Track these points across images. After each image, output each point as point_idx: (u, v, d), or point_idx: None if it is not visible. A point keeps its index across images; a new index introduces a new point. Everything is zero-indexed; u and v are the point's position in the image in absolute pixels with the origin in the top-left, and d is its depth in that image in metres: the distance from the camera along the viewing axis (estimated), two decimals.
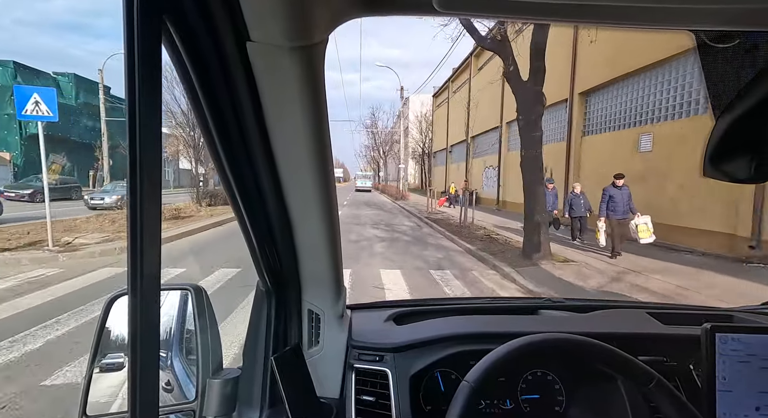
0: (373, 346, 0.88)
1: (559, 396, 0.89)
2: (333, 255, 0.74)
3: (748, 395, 0.71)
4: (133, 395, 0.35)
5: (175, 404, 0.75)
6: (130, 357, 0.35)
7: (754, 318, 1.00)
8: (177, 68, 0.44)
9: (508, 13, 0.35)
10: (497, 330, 0.92)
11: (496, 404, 0.89)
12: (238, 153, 0.55)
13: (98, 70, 23.88)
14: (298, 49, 0.43)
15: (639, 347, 0.83)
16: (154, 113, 0.33)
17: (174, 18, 0.39)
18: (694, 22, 0.37)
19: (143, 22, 0.32)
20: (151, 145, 0.33)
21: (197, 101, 0.48)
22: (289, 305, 0.80)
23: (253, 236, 0.66)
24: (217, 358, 0.77)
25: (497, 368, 0.63)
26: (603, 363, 0.66)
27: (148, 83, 0.32)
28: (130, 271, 0.34)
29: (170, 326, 0.83)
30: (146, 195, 0.33)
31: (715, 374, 0.72)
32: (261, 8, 0.39)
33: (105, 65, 23.68)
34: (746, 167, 0.48)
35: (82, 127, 29.32)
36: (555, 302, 1.19)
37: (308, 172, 0.59)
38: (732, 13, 0.33)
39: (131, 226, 0.33)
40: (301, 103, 0.50)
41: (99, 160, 24.73)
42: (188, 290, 0.78)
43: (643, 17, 0.35)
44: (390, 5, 0.42)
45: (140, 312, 0.34)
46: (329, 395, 0.83)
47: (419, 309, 1.11)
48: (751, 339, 0.72)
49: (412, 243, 9.45)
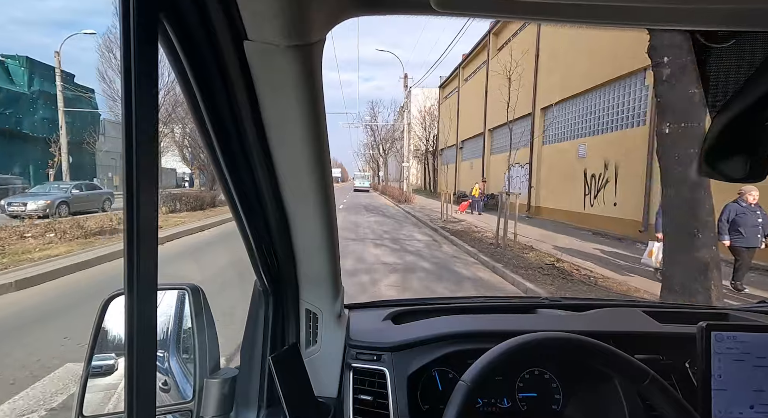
0: (370, 345, 0.88)
1: (557, 395, 0.89)
2: (331, 254, 0.74)
3: (742, 393, 0.72)
4: (130, 395, 0.35)
5: (172, 404, 0.75)
6: (127, 357, 0.35)
7: (749, 316, 1.01)
8: (173, 67, 0.44)
9: (507, 13, 0.35)
10: (495, 329, 0.91)
11: (494, 402, 0.89)
12: (236, 152, 0.55)
13: (54, 52, 20.57)
14: (296, 48, 0.43)
15: (635, 346, 0.83)
16: (150, 112, 0.33)
17: (170, 16, 0.39)
18: (691, 22, 0.37)
19: (139, 21, 0.31)
20: (147, 144, 0.33)
21: (194, 100, 0.47)
22: (286, 305, 0.81)
23: (251, 235, 0.66)
24: (215, 358, 0.77)
25: (494, 368, 0.63)
26: (599, 362, 0.66)
27: (145, 82, 0.32)
28: (126, 271, 0.34)
29: (167, 325, 0.83)
30: (143, 194, 0.33)
31: (711, 372, 0.72)
32: (258, 7, 0.39)
33: (63, 50, 20.30)
34: (742, 167, 0.49)
35: (38, 119, 23.59)
36: (552, 300, 1.19)
37: (306, 171, 0.59)
38: (728, 12, 0.33)
39: (128, 225, 0.33)
40: (299, 102, 0.50)
41: (56, 157, 21.26)
42: (185, 290, 0.78)
43: (640, 17, 0.36)
44: (387, 5, 0.43)
45: (137, 312, 0.34)
46: (327, 395, 0.84)
47: (417, 308, 1.11)
48: (747, 337, 0.73)
49: (435, 276, 6.02)
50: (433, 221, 13.05)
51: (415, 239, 9.91)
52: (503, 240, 7.97)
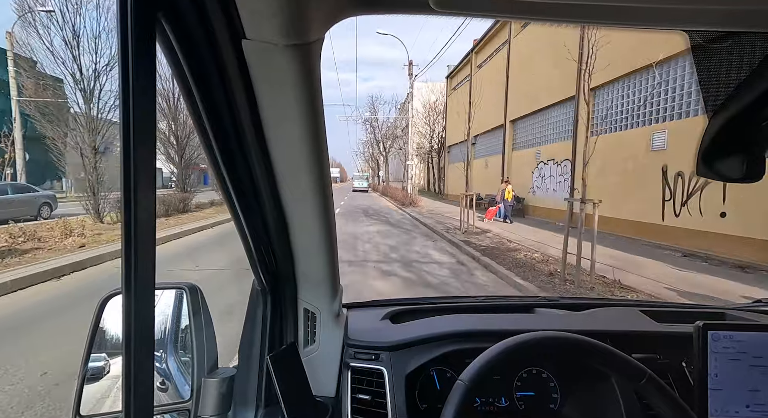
0: (369, 344, 0.88)
1: (554, 394, 0.89)
2: (329, 253, 0.74)
3: (738, 393, 0.73)
4: (128, 395, 0.35)
5: (169, 404, 0.75)
6: (125, 356, 0.35)
7: (746, 316, 1.01)
8: (171, 66, 0.44)
9: (506, 13, 0.35)
10: (493, 328, 0.91)
11: (492, 401, 0.89)
12: (234, 151, 0.55)
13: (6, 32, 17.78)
14: (294, 47, 0.43)
15: (632, 345, 0.83)
16: (148, 111, 0.33)
17: (169, 15, 0.38)
18: (687, 23, 0.37)
19: (137, 19, 0.31)
20: (145, 144, 0.33)
21: (192, 99, 0.47)
22: (285, 304, 0.80)
23: (249, 234, 0.66)
24: (213, 357, 0.77)
25: (492, 367, 0.63)
26: (597, 361, 0.67)
27: (142, 81, 0.32)
28: (124, 270, 0.33)
29: (165, 325, 0.82)
30: (140, 193, 0.33)
31: (707, 371, 0.73)
32: (257, 6, 0.39)
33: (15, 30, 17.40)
34: (738, 167, 0.49)
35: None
36: (550, 300, 1.19)
37: (304, 170, 0.59)
38: (725, 13, 0.33)
39: (125, 224, 0.33)
40: (297, 101, 0.50)
41: (8, 153, 17.90)
42: (183, 289, 0.78)
43: (638, 17, 0.36)
44: (386, 4, 0.42)
45: (135, 311, 0.34)
46: (325, 394, 0.84)
47: (415, 308, 1.10)
48: (743, 337, 0.74)
49: None
50: (450, 231, 10.30)
51: (433, 260, 7.17)
52: (576, 271, 5.25)
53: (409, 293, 5.25)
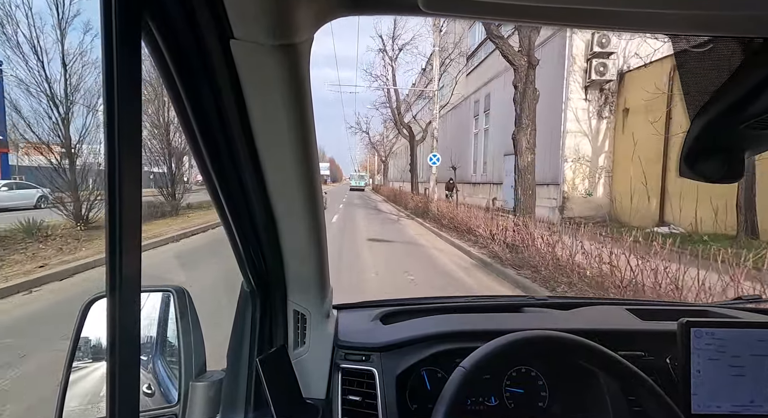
0: (359, 346, 0.88)
1: (543, 392, 0.90)
2: (318, 254, 0.74)
3: (720, 388, 0.74)
4: (112, 401, 0.34)
5: (156, 409, 0.74)
6: (109, 361, 0.34)
7: (727, 313, 1.03)
8: (158, 66, 0.43)
9: (495, 15, 0.36)
10: (482, 328, 0.92)
11: (482, 401, 0.90)
12: (222, 152, 0.55)
13: None
14: (283, 47, 0.42)
15: (619, 343, 0.83)
16: (133, 112, 0.33)
17: (154, 14, 0.38)
18: (671, 27, 0.39)
19: (122, 19, 0.31)
20: (130, 145, 0.32)
21: (179, 100, 0.47)
22: (274, 306, 0.80)
23: (237, 236, 0.66)
24: (201, 360, 0.76)
25: (492, 359, 0.65)
26: (596, 362, 0.68)
27: (127, 81, 0.32)
28: (108, 272, 0.33)
29: (152, 328, 0.81)
30: (126, 194, 0.32)
31: (690, 367, 0.74)
32: (245, 5, 0.39)
33: None
34: (719, 167, 0.50)
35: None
36: (538, 299, 1.20)
37: (293, 171, 0.59)
38: (707, 18, 0.34)
39: (110, 225, 0.32)
40: (286, 102, 0.49)
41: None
42: (170, 292, 0.77)
43: (623, 21, 0.36)
44: (375, 5, 0.43)
45: (119, 315, 0.34)
46: (315, 396, 0.83)
47: (405, 308, 1.11)
48: (724, 334, 0.75)
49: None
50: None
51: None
52: None
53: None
